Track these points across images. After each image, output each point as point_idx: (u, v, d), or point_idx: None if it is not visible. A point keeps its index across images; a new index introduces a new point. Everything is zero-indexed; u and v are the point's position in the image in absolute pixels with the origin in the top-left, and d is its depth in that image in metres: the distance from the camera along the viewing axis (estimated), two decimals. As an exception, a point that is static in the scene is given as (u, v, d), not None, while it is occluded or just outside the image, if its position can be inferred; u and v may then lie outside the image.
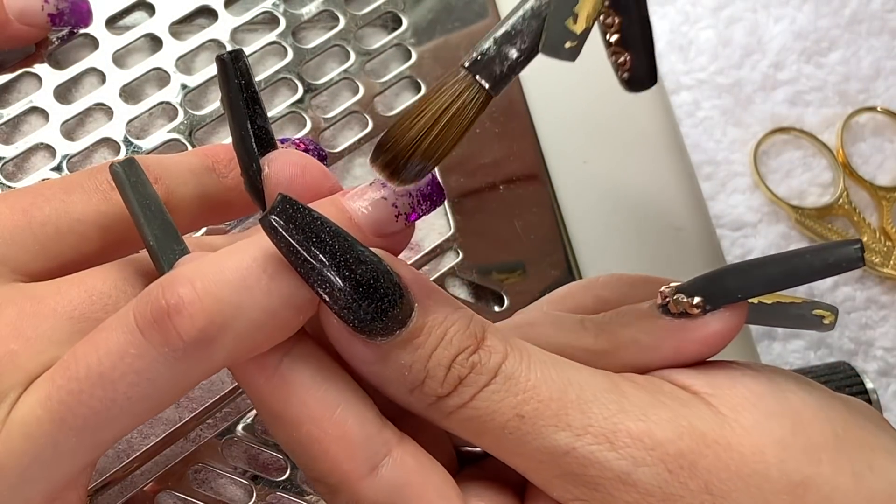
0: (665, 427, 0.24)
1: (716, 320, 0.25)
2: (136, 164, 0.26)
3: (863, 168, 0.59)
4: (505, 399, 0.24)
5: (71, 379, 0.23)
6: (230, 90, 0.26)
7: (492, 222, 0.39)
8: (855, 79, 0.61)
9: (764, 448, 0.24)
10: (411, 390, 0.24)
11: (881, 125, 0.61)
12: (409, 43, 0.42)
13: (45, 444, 0.23)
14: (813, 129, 0.60)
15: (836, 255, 0.24)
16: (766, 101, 0.60)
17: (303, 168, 0.26)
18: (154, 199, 0.26)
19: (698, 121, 0.59)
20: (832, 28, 0.62)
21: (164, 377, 0.23)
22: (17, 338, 0.24)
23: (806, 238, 0.57)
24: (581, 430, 0.24)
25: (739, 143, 0.59)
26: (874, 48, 0.62)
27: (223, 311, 0.23)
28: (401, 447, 0.25)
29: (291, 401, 0.24)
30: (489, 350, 0.24)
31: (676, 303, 0.25)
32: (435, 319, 0.24)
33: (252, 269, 0.23)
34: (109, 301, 0.25)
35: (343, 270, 0.23)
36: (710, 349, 0.26)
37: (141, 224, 0.26)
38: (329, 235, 0.23)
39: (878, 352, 0.56)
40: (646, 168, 0.42)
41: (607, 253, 0.40)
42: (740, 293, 0.25)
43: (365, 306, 0.23)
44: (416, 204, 0.26)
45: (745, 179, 0.58)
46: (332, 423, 0.24)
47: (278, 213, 0.23)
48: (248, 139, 0.26)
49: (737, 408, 0.24)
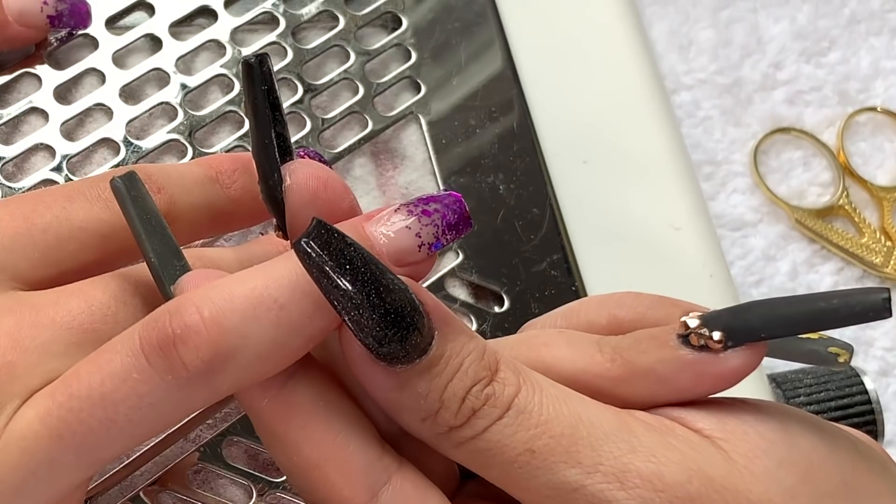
0: (675, 470, 0.24)
1: (737, 357, 0.25)
2: (136, 178, 0.26)
3: (863, 168, 0.59)
4: (517, 433, 0.24)
5: (72, 397, 0.23)
6: (255, 95, 0.25)
7: (492, 222, 0.39)
8: (855, 78, 0.61)
9: (772, 497, 0.24)
10: (424, 419, 0.24)
11: (881, 125, 0.61)
12: (409, 43, 0.42)
13: (42, 459, 0.23)
14: (813, 128, 0.60)
15: (863, 304, 0.24)
16: (765, 101, 0.60)
17: (325, 182, 0.26)
18: (154, 214, 0.26)
19: (698, 121, 0.59)
20: (832, 28, 0.62)
21: (167, 402, 0.23)
22: (15, 348, 0.24)
23: (806, 238, 0.57)
24: (591, 468, 0.24)
25: (739, 143, 0.59)
26: (874, 48, 0.62)
27: (229, 342, 0.23)
28: (400, 474, 0.25)
29: (293, 424, 0.24)
30: (503, 382, 0.24)
31: (699, 335, 0.25)
32: (453, 349, 0.24)
33: (263, 299, 0.23)
34: (109, 312, 0.25)
35: (374, 298, 0.22)
36: (726, 384, 0.25)
37: (141, 239, 0.25)
38: (361, 262, 0.22)
39: (878, 352, 0.56)
40: (645, 168, 0.42)
41: (607, 253, 0.40)
42: (764, 332, 0.25)
43: (391, 334, 0.23)
44: (441, 234, 0.26)
45: (745, 179, 0.58)
46: (333, 448, 0.24)
47: (313, 238, 0.22)
48: (272, 147, 0.26)
49: (748, 454, 0.24)
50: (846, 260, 0.57)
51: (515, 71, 0.42)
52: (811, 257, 0.57)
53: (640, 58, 0.44)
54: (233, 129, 0.39)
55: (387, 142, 0.40)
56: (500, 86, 0.42)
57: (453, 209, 0.26)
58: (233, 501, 0.34)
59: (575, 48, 0.43)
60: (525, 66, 0.42)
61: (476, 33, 0.43)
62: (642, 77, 0.44)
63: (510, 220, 0.40)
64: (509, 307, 0.38)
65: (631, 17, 0.45)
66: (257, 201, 0.31)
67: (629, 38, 0.44)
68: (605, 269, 0.40)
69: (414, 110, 0.41)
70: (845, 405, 0.51)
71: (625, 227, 0.41)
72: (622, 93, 0.43)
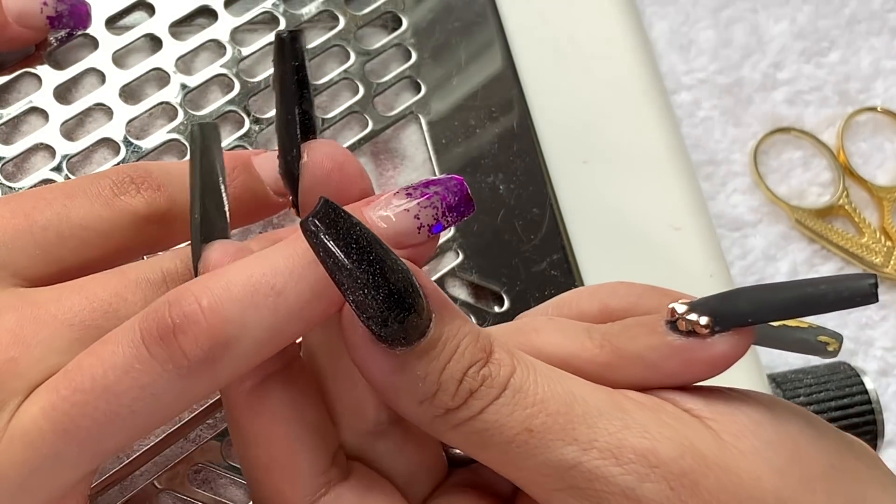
0: (668, 446, 0.24)
1: (724, 342, 0.25)
2: (214, 132, 0.26)
3: (863, 168, 0.59)
4: (514, 412, 0.24)
5: (76, 390, 0.23)
6: (284, 71, 0.26)
7: (492, 222, 0.39)
8: (855, 79, 0.61)
9: (762, 475, 0.24)
10: (421, 402, 0.24)
11: (881, 125, 0.61)
12: (409, 43, 0.42)
13: (47, 453, 0.23)
14: (813, 128, 0.60)
15: (851, 290, 0.24)
16: (765, 101, 0.60)
17: (341, 164, 0.26)
18: (216, 173, 0.26)
19: (698, 121, 0.59)
20: (832, 28, 0.62)
21: (169, 392, 0.23)
22: (17, 345, 0.24)
23: (806, 238, 0.57)
24: (587, 444, 0.24)
25: (739, 143, 0.59)
26: (874, 48, 0.62)
27: (228, 331, 0.23)
28: (344, 485, 0.26)
29: (257, 421, 0.25)
30: (498, 363, 0.24)
31: (686, 321, 0.25)
32: (450, 331, 0.24)
33: (260, 286, 0.23)
34: (110, 309, 0.25)
35: (378, 279, 0.23)
36: (715, 370, 0.26)
37: (195, 193, 0.26)
38: (367, 242, 0.23)
39: (878, 352, 0.56)
40: (645, 168, 0.42)
41: (607, 253, 0.40)
42: (751, 318, 0.25)
43: (394, 315, 0.23)
44: (441, 216, 0.26)
45: (745, 179, 0.58)
46: (285, 452, 0.25)
47: (320, 217, 0.22)
48: (294, 123, 0.26)
49: (736, 434, 0.25)
50: (846, 260, 0.57)
51: (515, 71, 0.42)
52: (811, 257, 0.57)
53: (641, 58, 0.44)
54: (233, 128, 0.39)
55: (387, 142, 0.40)
56: (500, 86, 0.42)
57: (453, 191, 0.26)
58: (233, 501, 0.34)
59: (575, 48, 0.43)
60: (525, 66, 0.42)
61: (476, 33, 0.43)
62: (642, 77, 0.44)
63: (510, 220, 0.40)
64: (509, 307, 0.38)
65: (631, 17, 0.45)
66: (257, 199, 0.31)
67: (629, 38, 0.44)
68: (605, 269, 0.40)
69: (414, 110, 0.41)
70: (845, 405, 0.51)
71: (625, 227, 0.41)
72: (622, 93, 0.43)
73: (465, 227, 0.39)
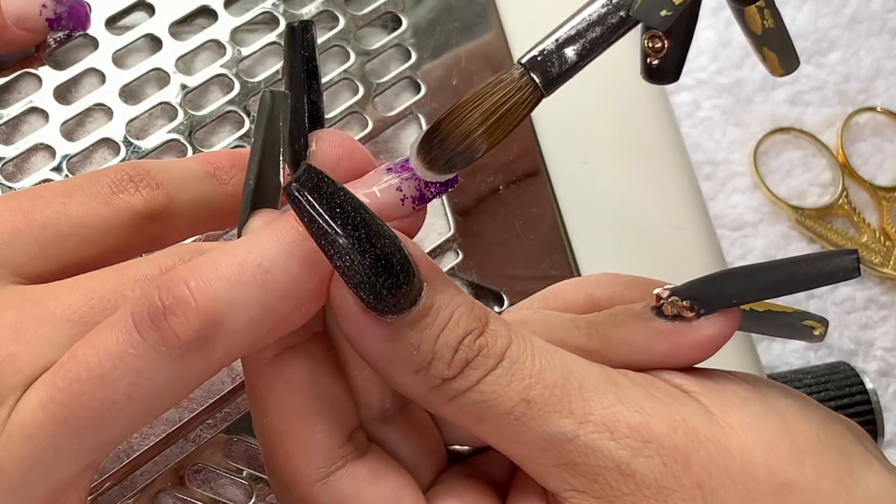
0: (660, 421, 0.24)
1: (709, 324, 0.25)
2: (285, 104, 0.26)
3: (863, 168, 0.59)
4: (511, 383, 0.24)
5: (72, 381, 0.23)
6: (293, 60, 0.26)
7: (492, 222, 0.39)
8: (855, 79, 0.61)
9: (751, 448, 0.24)
10: (417, 371, 0.24)
11: (881, 125, 0.61)
12: (409, 43, 0.42)
13: (47, 446, 0.23)
14: (813, 129, 0.60)
15: (832, 265, 0.24)
16: (766, 101, 0.60)
17: (350, 151, 0.26)
18: (279, 142, 0.26)
19: (698, 121, 0.59)
20: (832, 28, 0.62)
21: (164, 376, 0.23)
22: (17, 340, 0.24)
23: (806, 238, 0.57)
24: (583, 417, 0.24)
25: (739, 143, 0.59)
26: (874, 48, 0.62)
27: (218, 309, 0.23)
28: (361, 461, 0.26)
29: (275, 391, 0.26)
30: (494, 334, 0.25)
31: (671, 305, 0.25)
32: (443, 300, 0.24)
33: (246, 265, 0.23)
34: (108, 305, 0.25)
35: (364, 243, 0.23)
36: (703, 353, 0.26)
37: (254, 158, 0.26)
38: (351, 207, 0.23)
39: (878, 352, 0.56)
40: (645, 168, 0.42)
41: (607, 253, 0.40)
42: (735, 298, 0.25)
43: (381, 281, 0.23)
44: (424, 186, 0.26)
45: (745, 179, 0.58)
46: (302, 425, 0.25)
47: (303, 182, 0.22)
48: (302, 112, 0.26)
49: (725, 408, 0.25)
50: (846, 260, 0.57)
51: (515, 71, 0.42)
52: (811, 257, 0.57)
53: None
54: (233, 128, 0.39)
55: (387, 142, 0.40)
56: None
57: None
58: (233, 501, 0.34)
59: (575, 48, 0.43)
60: (525, 66, 0.42)
61: (476, 33, 0.43)
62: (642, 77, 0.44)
63: (510, 220, 0.40)
64: (509, 307, 0.38)
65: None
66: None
67: (629, 37, 0.44)
68: (605, 268, 0.39)
69: (414, 110, 0.41)
70: (845, 405, 0.51)
71: (625, 227, 0.41)
72: (622, 93, 0.43)
73: (465, 227, 0.39)
